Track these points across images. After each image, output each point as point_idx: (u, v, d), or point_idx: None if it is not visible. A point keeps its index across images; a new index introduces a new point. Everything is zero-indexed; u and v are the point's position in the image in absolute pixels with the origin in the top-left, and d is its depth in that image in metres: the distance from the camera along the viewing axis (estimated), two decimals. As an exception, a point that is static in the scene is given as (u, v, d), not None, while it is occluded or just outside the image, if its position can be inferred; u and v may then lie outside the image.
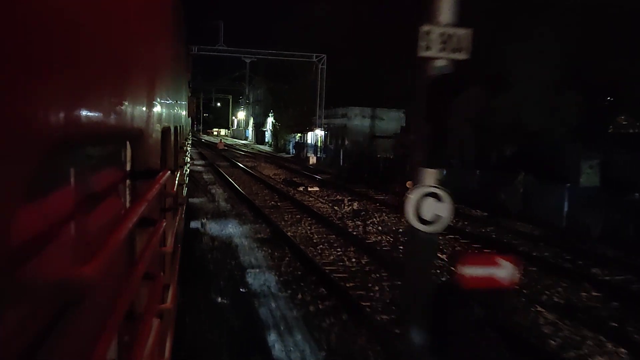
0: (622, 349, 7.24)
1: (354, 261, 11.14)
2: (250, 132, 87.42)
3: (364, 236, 13.77)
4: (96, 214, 1.26)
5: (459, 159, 23.54)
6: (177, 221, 4.44)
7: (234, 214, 16.06)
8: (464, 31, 4.56)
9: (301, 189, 23.35)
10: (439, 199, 4.64)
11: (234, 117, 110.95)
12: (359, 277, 9.99)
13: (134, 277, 1.34)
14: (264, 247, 11.73)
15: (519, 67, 20.21)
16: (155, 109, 2.43)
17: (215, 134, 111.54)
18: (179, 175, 4.62)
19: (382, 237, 13.80)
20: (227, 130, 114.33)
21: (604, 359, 7.00)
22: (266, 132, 70.43)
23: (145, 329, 1.55)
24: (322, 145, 44.38)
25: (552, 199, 16.38)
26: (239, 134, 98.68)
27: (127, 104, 1.50)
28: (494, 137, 22.03)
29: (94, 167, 1.26)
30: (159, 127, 2.66)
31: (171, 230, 3.43)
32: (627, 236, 13.85)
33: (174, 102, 4.47)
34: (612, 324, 8.18)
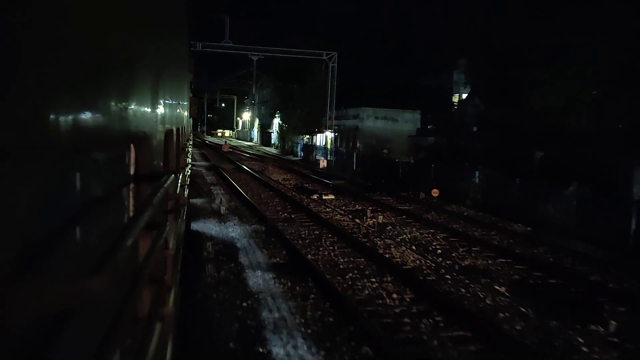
0: None
1: (394, 297, 8.84)
2: (255, 133, 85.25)
3: (398, 260, 11.47)
4: (101, 218, 1.25)
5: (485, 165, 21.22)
6: (178, 223, 4.27)
7: (242, 231, 13.79)
8: None
9: (315, 197, 21.07)
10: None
11: (238, 118, 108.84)
12: (407, 323, 7.69)
13: (138, 282, 1.33)
14: (282, 278, 9.44)
15: (563, 60, 17.87)
16: (158, 111, 2.45)
17: (219, 135, 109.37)
18: (180, 176, 4.53)
19: (420, 260, 11.49)
20: (231, 131, 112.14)
21: None
22: (272, 134, 68.20)
23: (148, 333, 1.54)
24: (332, 147, 42.07)
25: (613, 214, 14.05)
26: (244, 135, 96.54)
27: (130, 106, 1.52)
28: (533, 141, 19.67)
29: (98, 171, 1.25)
30: (161, 129, 2.63)
31: (173, 232, 3.29)
32: None
33: (176, 104, 4.37)
34: None
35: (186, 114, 8.31)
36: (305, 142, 48.70)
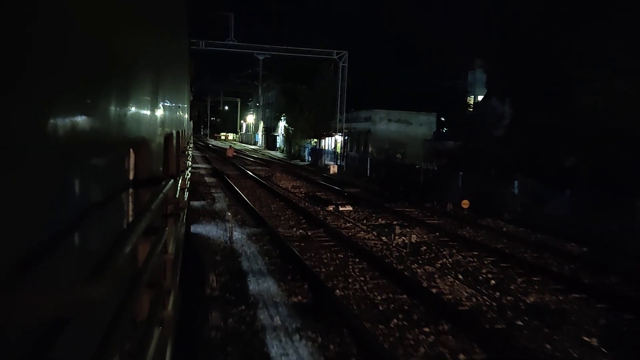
0: None
1: None
2: (260, 136, 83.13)
3: (449, 296, 9.21)
4: (99, 223, 1.25)
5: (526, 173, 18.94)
6: (178, 226, 4.11)
7: (252, 255, 11.56)
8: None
9: (331, 208, 18.83)
10: None
11: (242, 121, 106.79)
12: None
13: (137, 286, 1.32)
14: (308, 330, 7.18)
15: (620, 54, 15.61)
16: (157, 115, 2.40)
17: (222, 138, 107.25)
18: (180, 180, 4.45)
19: (476, 296, 9.23)
20: (235, 134, 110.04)
21: None
22: (278, 137, 66.01)
23: (147, 337, 1.55)
24: (342, 152, 39.81)
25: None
26: (248, 139, 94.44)
27: (129, 110, 1.51)
28: (580, 146, 17.38)
29: (96, 175, 1.24)
30: (161, 133, 2.60)
31: (173, 236, 3.26)
32: None
33: (175, 107, 4.29)
34: None
35: (186, 117, 8.06)
36: (313, 146, 46.45)
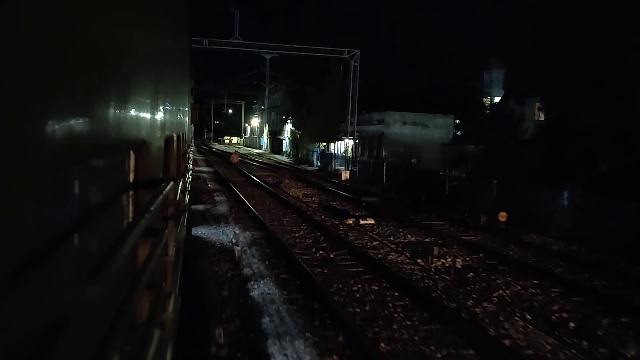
0: None
1: None
2: (265, 140, 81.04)
3: (528, 350, 7.02)
4: (99, 225, 1.26)
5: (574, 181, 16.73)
6: (179, 229, 4.11)
7: (267, 288, 9.39)
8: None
9: (350, 221, 16.65)
10: None
11: (246, 125, 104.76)
12: None
13: (137, 288, 1.33)
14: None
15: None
16: (158, 118, 2.43)
17: (226, 141, 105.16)
18: (181, 183, 4.44)
19: (564, 351, 7.04)
20: (239, 138, 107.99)
21: None
22: (284, 141, 63.89)
23: (147, 339, 1.56)
24: (352, 156, 37.63)
25: None
26: (252, 143, 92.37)
27: (129, 113, 1.52)
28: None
29: (97, 178, 1.26)
30: (162, 135, 2.62)
31: (173, 239, 3.29)
32: None
33: (176, 110, 4.31)
34: None
35: (187, 120, 7.94)
36: (322, 150, 44.30)
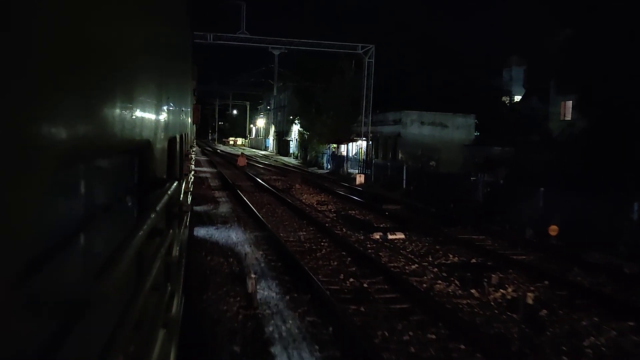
0: None
1: None
2: (270, 141, 78.88)
3: None
4: (106, 224, 1.25)
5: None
6: (182, 229, 4.08)
7: (289, 334, 7.14)
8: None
9: (377, 236, 14.40)
10: None
11: (251, 125, 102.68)
12: None
13: (142, 287, 1.33)
14: None
15: None
16: (162, 119, 2.44)
17: (231, 143, 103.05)
18: (184, 183, 4.37)
19: None
20: (244, 139, 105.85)
21: None
22: (291, 142, 61.66)
23: (151, 340, 1.55)
24: (366, 159, 35.35)
25: None
26: (258, 144, 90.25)
27: (135, 114, 1.52)
28: None
29: (101, 178, 1.24)
30: (166, 136, 2.62)
31: (177, 239, 3.19)
32: None
33: (179, 111, 4.31)
34: None
35: (189, 120, 7.75)
36: (333, 153, 42.01)
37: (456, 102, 36.34)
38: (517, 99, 43.40)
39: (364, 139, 36.00)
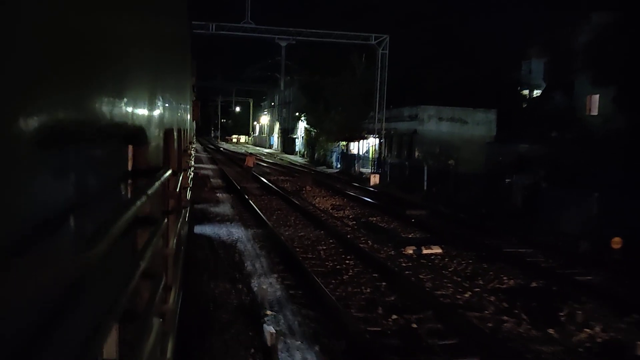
0: None
1: None
2: (275, 139, 76.70)
3: None
4: (96, 211, 1.23)
5: None
6: (179, 223, 4.02)
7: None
8: None
9: (410, 251, 12.26)
10: None
11: (255, 123, 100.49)
12: None
13: (133, 273, 1.31)
14: None
15: None
16: (157, 110, 2.40)
17: (234, 141, 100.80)
18: (182, 178, 4.41)
19: None
20: (247, 137, 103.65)
21: None
22: (297, 140, 59.48)
23: (145, 328, 1.56)
24: (379, 157, 33.15)
25: None
26: (262, 142, 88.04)
27: (129, 104, 1.52)
28: None
29: (95, 167, 1.26)
30: (161, 127, 2.61)
31: (174, 232, 3.25)
32: None
33: (177, 105, 4.27)
34: None
35: (189, 117, 7.37)
36: (343, 151, 39.80)
37: (473, 96, 34.12)
38: (536, 93, 41.10)
39: (376, 136, 33.82)
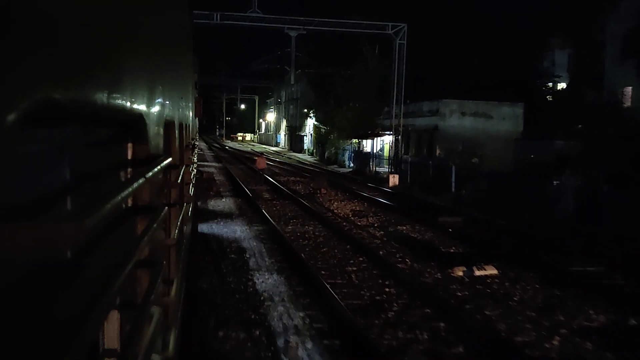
0: None
1: None
2: (282, 137, 74.51)
3: None
4: (95, 194, 1.23)
5: None
6: (181, 215, 3.96)
7: None
8: None
9: (459, 272, 10.04)
10: None
11: (261, 120, 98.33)
12: None
13: (130, 259, 1.31)
14: None
15: None
16: (158, 102, 2.41)
17: (239, 139, 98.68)
18: (184, 173, 4.45)
19: None
20: (253, 134, 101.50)
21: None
22: (305, 137, 57.27)
23: (143, 317, 1.55)
24: (395, 155, 30.89)
25: None
26: (268, 139, 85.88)
27: (128, 94, 1.53)
28: None
29: (96, 153, 1.25)
30: (161, 118, 2.62)
31: (175, 223, 3.29)
32: None
33: (178, 99, 4.30)
34: None
35: (191, 113, 7.48)
36: (356, 149, 37.56)
37: (494, 90, 31.82)
38: (561, 86, 38.75)
39: (392, 133, 31.55)
